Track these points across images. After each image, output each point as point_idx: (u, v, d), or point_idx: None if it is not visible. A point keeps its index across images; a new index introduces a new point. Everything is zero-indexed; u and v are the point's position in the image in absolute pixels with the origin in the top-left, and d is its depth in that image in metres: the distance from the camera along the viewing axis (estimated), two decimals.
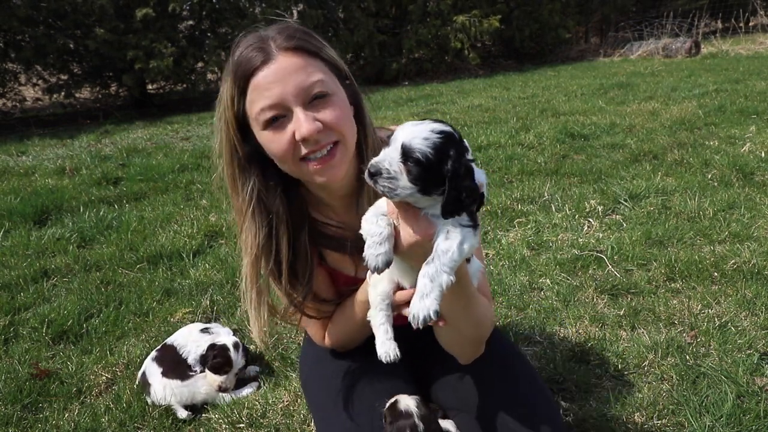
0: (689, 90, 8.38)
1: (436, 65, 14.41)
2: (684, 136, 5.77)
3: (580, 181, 4.76)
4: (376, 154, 1.21)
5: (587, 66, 13.94)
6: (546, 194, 4.45)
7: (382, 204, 1.29)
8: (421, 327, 1.17)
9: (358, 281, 1.68)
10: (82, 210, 4.89)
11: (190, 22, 12.62)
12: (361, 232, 1.28)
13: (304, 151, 1.43)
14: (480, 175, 1.22)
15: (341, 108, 1.45)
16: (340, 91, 1.48)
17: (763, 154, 4.87)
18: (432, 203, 1.19)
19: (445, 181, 1.14)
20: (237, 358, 2.37)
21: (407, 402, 1.58)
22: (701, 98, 7.69)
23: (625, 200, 4.15)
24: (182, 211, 4.75)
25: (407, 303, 1.32)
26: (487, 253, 3.54)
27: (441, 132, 1.15)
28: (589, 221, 3.90)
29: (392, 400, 1.60)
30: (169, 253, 3.84)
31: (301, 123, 1.38)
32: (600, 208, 4.05)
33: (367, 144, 1.59)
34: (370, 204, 1.35)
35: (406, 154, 1.13)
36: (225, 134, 1.50)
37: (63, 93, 12.34)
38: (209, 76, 12.86)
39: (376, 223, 1.25)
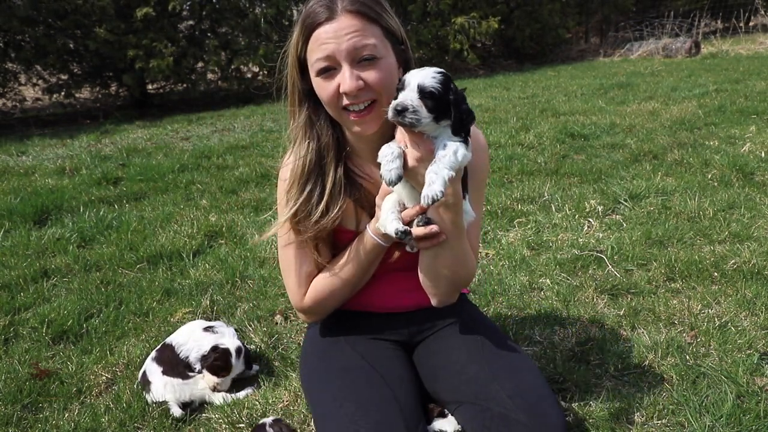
0: (689, 90, 8.38)
1: (436, 65, 14.26)
2: (684, 136, 5.77)
3: (580, 181, 4.76)
4: None
5: (587, 66, 13.94)
6: (546, 194, 4.45)
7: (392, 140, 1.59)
8: (431, 204, 1.45)
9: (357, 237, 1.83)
10: (82, 210, 4.89)
11: (190, 22, 12.61)
12: (378, 160, 1.53)
13: (345, 102, 1.65)
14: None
15: (385, 72, 1.64)
16: (390, 57, 1.68)
17: (763, 154, 4.88)
18: (435, 128, 1.50)
19: (450, 108, 1.46)
20: (237, 364, 2.37)
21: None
22: (701, 98, 7.69)
23: (625, 200, 4.15)
24: (182, 211, 4.75)
25: (410, 223, 1.61)
26: (487, 253, 3.54)
27: (440, 72, 1.49)
28: (589, 221, 3.90)
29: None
30: (169, 253, 3.84)
31: (346, 79, 1.60)
32: (600, 208, 4.05)
33: None
34: None
35: (422, 91, 1.44)
36: (289, 69, 1.75)
37: (63, 93, 12.33)
38: (209, 76, 12.84)
39: (389, 146, 1.54)
